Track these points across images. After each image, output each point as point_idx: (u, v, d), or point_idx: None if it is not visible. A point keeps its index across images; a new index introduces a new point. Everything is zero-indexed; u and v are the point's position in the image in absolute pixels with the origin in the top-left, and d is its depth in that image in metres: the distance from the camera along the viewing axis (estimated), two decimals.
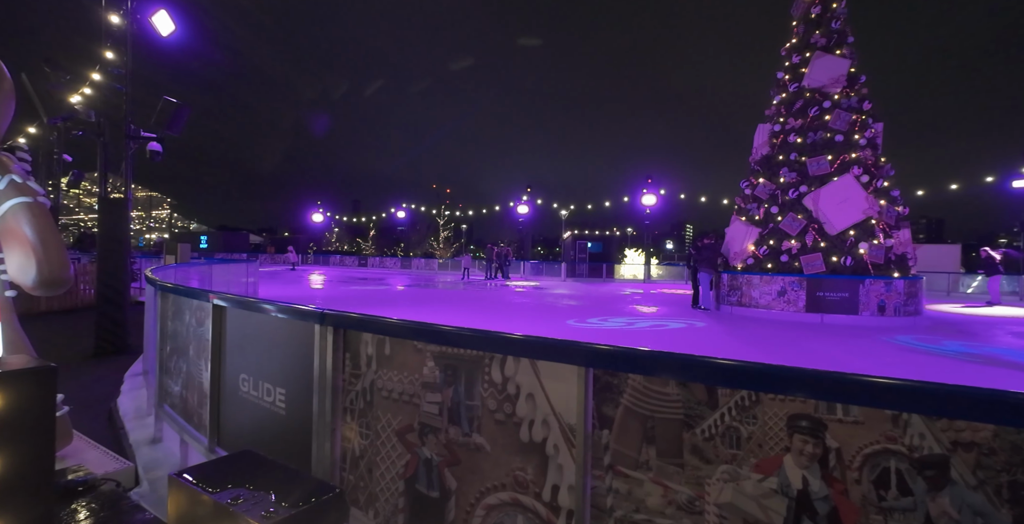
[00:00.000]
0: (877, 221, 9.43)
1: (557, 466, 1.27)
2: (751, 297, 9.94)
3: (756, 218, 10.48)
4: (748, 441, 1.05)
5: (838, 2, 10.76)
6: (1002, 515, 0.86)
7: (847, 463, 0.97)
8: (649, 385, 1.16)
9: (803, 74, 10.57)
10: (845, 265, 9.18)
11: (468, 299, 12.88)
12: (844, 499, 0.97)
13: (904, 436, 0.92)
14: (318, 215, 40.72)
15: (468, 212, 38.80)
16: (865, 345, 6.93)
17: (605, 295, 15.03)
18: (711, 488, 1.09)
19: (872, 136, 10.11)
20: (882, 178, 9.89)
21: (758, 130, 11.34)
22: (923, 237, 56.34)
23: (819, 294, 9.18)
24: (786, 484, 1.01)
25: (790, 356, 6.16)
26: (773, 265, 9.83)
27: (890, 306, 9.02)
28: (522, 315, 9.59)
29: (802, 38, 10.95)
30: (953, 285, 17.95)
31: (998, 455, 0.86)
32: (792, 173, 10.08)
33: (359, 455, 1.68)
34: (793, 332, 7.96)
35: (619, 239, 43.03)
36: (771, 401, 1.03)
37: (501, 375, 1.37)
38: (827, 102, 10.17)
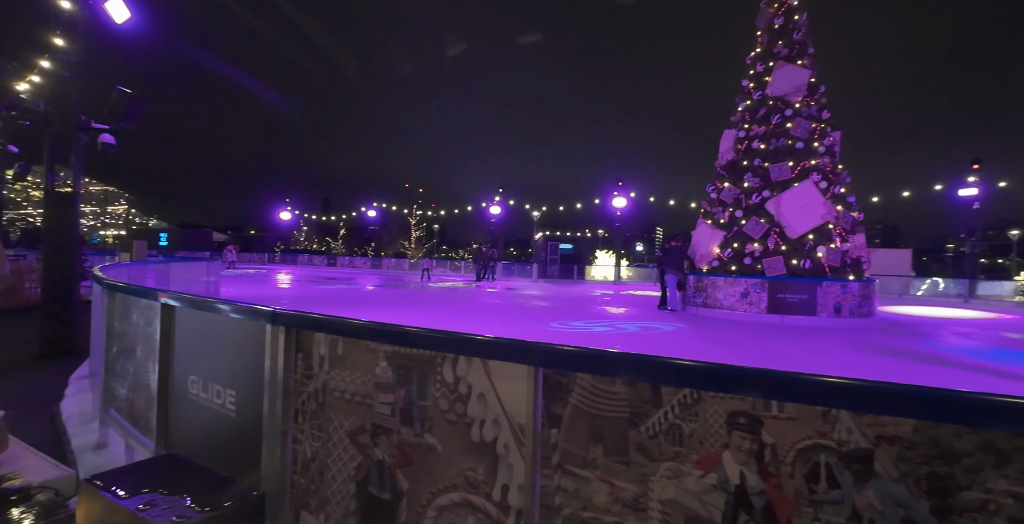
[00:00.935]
0: (834, 226, 9.81)
1: (507, 466, 1.27)
2: (716, 298, 10.19)
3: (721, 221, 10.75)
4: (690, 438, 1.08)
5: (799, 14, 11.15)
6: (921, 506, 0.90)
7: (781, 458, 1.00)
8: (597, 384, 1.17)
9: (767, 83, 10.91)
10: (804, 268, 9.52)
11: (438, 300, 12.79)
12: (778, 493, 1.00)
13: (834, 431, 0.96)
14: (286, 213, 39.71)
15: (440, 212, 38.56)
16: (822, 345, 7.19)
17: (576, 296, 15.16)
18: (655, 485, 1.10)
19: (830, 144, 10.51)
20: (839, 185, 10.30)
21: (724, 136, 11.64)
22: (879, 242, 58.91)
23: (780, 296, 9.48)
24: (725, 480, 1.04)
25: (753, 356, 6.34)
26: (737, 267, 10.10)
27: (845, 308, 9.39)
28: (493, 316, 9.58)
29: (766, 48, 11.30)
30: (904, 288, 18.83)
31: (918, 448, 0.91)
32: (756, 178, 10.40)
33: (310, 458, 1.64)
34: (755, 332, 8.20)
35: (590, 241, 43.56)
36: (712, 399, 1.06)
37: (453, 375, 1.36)
38: (789, 110, 10.52)
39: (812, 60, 11.05)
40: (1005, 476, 0.85)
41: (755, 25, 11.87)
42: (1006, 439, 0.85)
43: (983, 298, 17.67)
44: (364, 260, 34.17)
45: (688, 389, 1.08)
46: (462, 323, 8.28)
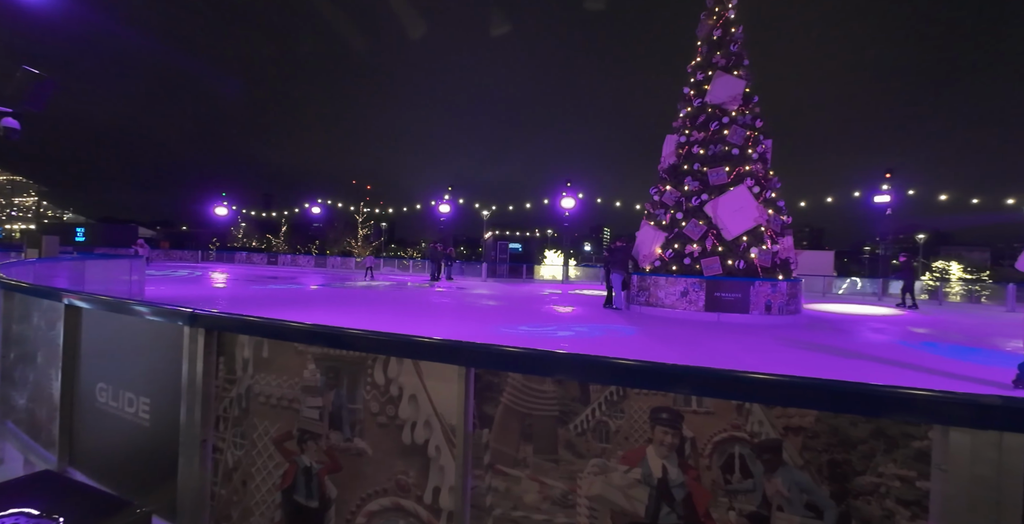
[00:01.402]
0: (766, 229, 10.41)
1: (439, 468, 1.25)
2: (657, 297, 10.57)
3: (663, 223, 11.16)
4: (616, 434, 1.10)
5: (736, 27, 11.75)
6: (822, 491, 0.96)
7: (700, 451, 1.04)
8: (528, 383, 1.18)
9: (706, 91, 11.42)
10: (739, 268, 10.05)
11: (385, 300, 12.52)
12: (697, 485, 1.04)
13: (747, 424, 1.01)
14: (222, 208, 37.47)
15: (388, 210, 37.70)
16: (753, 341, 7.61)
17: (524, 295, 15.27)
18: (582, 482, 1.12)
19: (763, 151, 11.14)
20: (770, 190, 10.94)
21: (667, 140, 12.08)
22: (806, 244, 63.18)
23: (716, 294, 9.96)
24: (648, 474, 1.07)
25: (691, 353, 6.62)
26: (678, 267, 10.52)
27: (775, 306, 9.99)
28: (440, 316, 9.48)
29: (705, 57, 11.82)
30: (828, 287, 20.28)
31: (820, 437, 0.97)
32: (695, 182, 10.86)
33: (232, 467, 1.55)
34: (694, 330, 8.56)
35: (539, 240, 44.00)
36: (637, 395, 1.09)
37: (384, 377, 1.33)
38: (726, 118, 11.06)
39: (747, 71, 11.66)
40: (894, 461, 0.93)
41: (696, 36, 12.39)
42: (894, 426, 0.92)
43: (894, 296, 19.33)
44: (308, 258, 32.90)
45: (615, 386, 1.10)
46: (407, 324, 8.15)
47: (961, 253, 62.24)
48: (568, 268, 24.37)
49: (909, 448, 0.91)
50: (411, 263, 28.64)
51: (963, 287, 19.93)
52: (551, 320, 9.38)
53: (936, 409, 0.89)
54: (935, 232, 66.61)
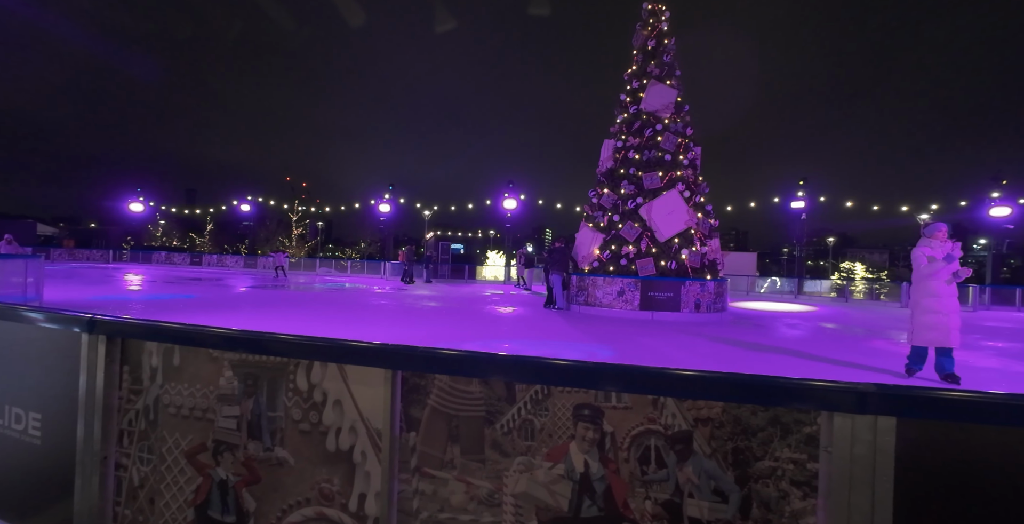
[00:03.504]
0: (695, 231, 10.99)
1: (364, 473, 1.23)
2: (596, 297, 10.87)
3: (601, 225, 11.50)
4: (540, 432, 1.13)
5: (669, 39, 12.32)
6: (728, 476, 1.03)
7: (619, 444, 1.09)
8: (455, 385, 1.18)
9: (641, 98, 11.89)
10: (671, 269, 10.54)
11: (321, 302, 12.05)
12: (616, 477, 1.08)
13: (661, 417, 1.07)
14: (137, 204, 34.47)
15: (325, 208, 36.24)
16: (684, 338, 8.00)
17: (466, 296, 15.22)
18: (508, 480, 1.14)
19: (693, 157, 11.75)
20: (700, 194, 11.56)
21: (604, 145, 12.46)
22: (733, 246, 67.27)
23: (650, 294, 10.39)
24: (571, 469, 1.10)
25: (626, 350, 6.86)
26: (614, 268, 10.87)
27: (704, 304, 10.57)
28: (380, 318, 9.26)
29: (640, 66, 12.31)
30: (751, 286, 21.70)
31: (725, 427, 1.04)
32: (631, 186, 11.28)
33: (138, 484, 1.44)
34: (629, 329, 8.88)
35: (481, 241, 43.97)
36: (560, 393, 1.12)
37: (307, 382, 1.28)
38: (659, 125, 11.57)
39: (679, 81, 12.25)
40: (788, 445, 1.01)
41: (632, 45, 12.87)
42: (788, 414, 1.01)
43: (808, 294, 21.01)
44: (236, 259, 31.01)
45: (540, 385, 1.13)
46: (343, 327, 7.89)
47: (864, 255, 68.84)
48: (510, 268, 24.55)
49: (800, 433, 1.00)
50: (349, 264, 27.73)
51: (865, 285, 22.03)
52: (492, 321, 9.41)
53: (822, 397, 0.98)
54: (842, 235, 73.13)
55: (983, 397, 0.94)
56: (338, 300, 12.58)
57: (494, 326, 8.65)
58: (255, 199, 35.15)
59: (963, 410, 0.94)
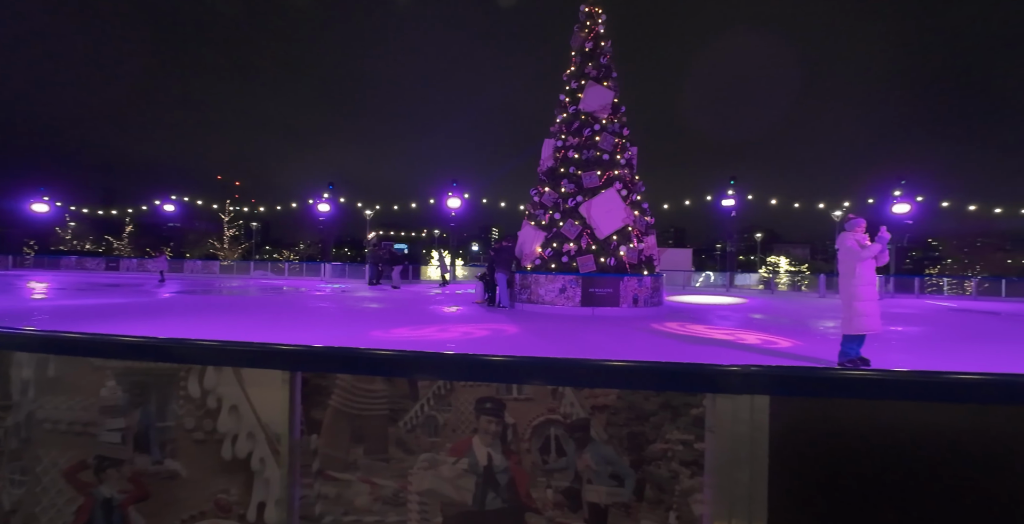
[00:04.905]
0: (633, 228, 11.37)
1: (264, 481, 1.17)
2: (538, 294, 11.02)
3: (543, 223, 11.66)
4: (444, 428, 1.12)
5: (605, 41, 12.67)
6: (623, 461, 1.07)
7: (521, 436, 1.10)
8: (357, 384, 1.15)
9: (579, 99, 12.15)
10: (610, 265, 10.85)
11: (256, 306, 11.48)
12: (519, 468, 1.10)
13: (561, 406, 1.09)
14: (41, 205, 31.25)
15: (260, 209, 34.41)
16: (622, 332, 8.26)
17: (410, 296, 14.98)
18: (413, 478, 1.13)
19: (629, 157, 12.15)
20: (636, 193, 11.97)
21: (545, 144, 12.64)
22: (671, 242, 70.19)
23: (591, 290, 10.65)
24: (475, 463, 1.11)
25: (567, 345, 6.99)
26: (556, 265, 11.06)
27: (641, 299, 10.96)
28: (319, 321, 8.93)
29: (579, 67, 12.58)
30: (687, 280, 22.75)
31: (621, 413, 1.08)
32: (571, 184, 11.51)
33: (10, 510, 1.31)
34: (571, 324, 9.06)
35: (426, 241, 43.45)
36: (463, 388, 1.12)
37: (200, 388, 1.21)
38: (597, 125, 11.87)
39: (615, 83, 12.63)
40: (678, 428, 1.06)
41: (570, 46, 13.12)
42: (678, 397, 1.06)
43: (739, 287, 22.29)
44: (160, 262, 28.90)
45: (442, 381, 1.12)
46: (278, 332, 7.56)
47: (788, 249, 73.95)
48: (456, 268, 24.40)
49: (689, 415, 1.05)
50: (287, 266, 26.57)
51: (789, 278, 23.66)
52: (436, 320, 9.31)
53: (706, 379, 1.03)
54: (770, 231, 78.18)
55: (847, 373, 1.03)
56: (275, 303, 12.03)
57: (438, 326, 8.57)
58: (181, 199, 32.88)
59: (830, 386, 1.02)
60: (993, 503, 1.01)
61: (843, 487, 1.03)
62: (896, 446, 1.03)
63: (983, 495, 1.01)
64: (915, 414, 1.03)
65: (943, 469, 1.02)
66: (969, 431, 1.03)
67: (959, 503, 1.01)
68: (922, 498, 1.02)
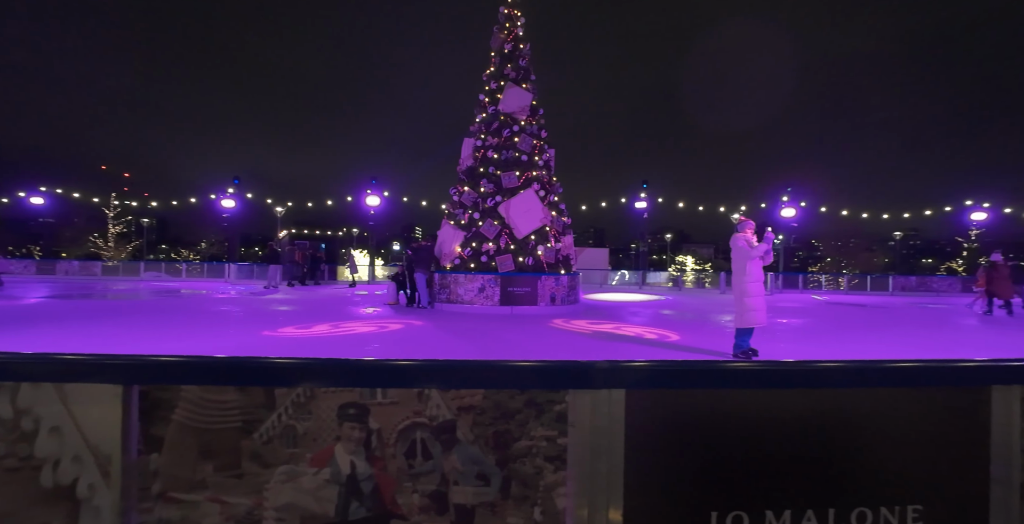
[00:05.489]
0: (550, 229, 11.65)
1: (93, 510, 1.04)
2: (458, 294, 10.96)
3: (462, 222, 11.61)
4: (304, 437, 1.06)
5: (524, 44, 12.84)
6: (490, 459, 1.07)
7: (386, 441, 1.07)
8: (206, 395, 1.06)
9: (499, 99, 12.23)
10: (528, 265, 11.03)
11: (150, 310, 10.37)
12: (384, 474, 1.06)
13: (427, 409, 1.07)
14: None
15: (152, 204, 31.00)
16: (539, 330, 8.43)
17: (325, 298, 14.30)
18: (269, 493, 1.05)
19: (547, 159, 12.43)
20: (554, 194, 12.26)
21: (464, 143, 12.59)
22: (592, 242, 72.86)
23: (510, 289, 10.76)
24: (337, 472, 1.06)
25: (485, 344, 7.00)
26: (475, 265, 11.06)
27: (559, 297, 11.26)
28: (222, 327, 8.24)
29: (498, 68, 12.66)
30: (604, 279, 23.72)
31: (487, 413, 1.08)
32: (490, 184, 11.55)
33: None
34: (490, 323, 9.09)
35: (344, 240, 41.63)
36: (324, 394, 1.06)
37: (12, 408, 1.05)
38: (516, 126, 12.01)
39: (534, 85, 12.84)
40: (542, 424, 1.08)
41: (490, 46, 13.17)
42: (542, 395, 1.08)
43: (651, 285, 23.61)
44: (28, 263, 25.27)
45: (302, 387, 1.06)
46: (170, 341, 6.89)
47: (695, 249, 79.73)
48: (375, 268, 23.65)
49: (552, 411, 1.08)
50: (185, 267, 24.30)
51: (695, 276, 25.46)
52: (352, 322, 8.95)
53: (566, 376, 1.06)
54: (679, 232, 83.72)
55: (694, 365, 1.10)
56: (172, 308, 10.94)
57: (353, 328, 8.24)
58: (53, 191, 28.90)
59: (679, 378, 1.09)
60: (831, 477, 1.13)
61: (693, 470, 1.10)
62: (741, 430, 1.12)
63: (822, 471, 1.13)
64: (757, 400, 1.12)
65: (784, 449, 1.12)
66: (806, 413, 1.14)
67: (801, 479, 1.12)
68: (765, 477, 1.12)
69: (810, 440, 1.13)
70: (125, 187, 36.00)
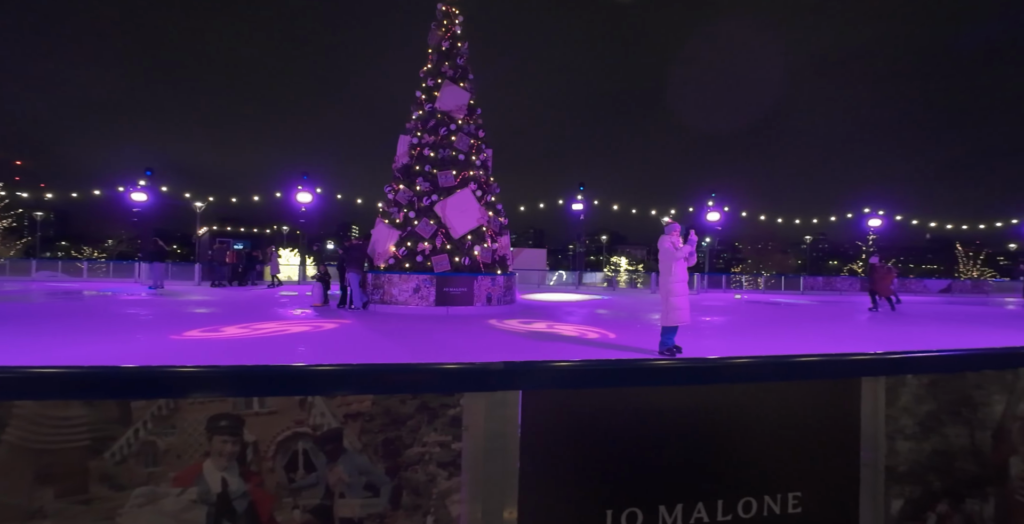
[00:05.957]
0: (487, 229, 11.63)
1: None
2: (392, 294, 10.69)
3: (397, 221, 11.34)
4: (167, 454, 0.96)
5: (462, 42, 12.75)
6: (379, 469, 1.02)
7: (263, 454, 0.98)
8: (44, 411, 0.93)
9: (436, 97, 12.06)
10: (464, 265, 10.95)
11: (38, 315, 9.28)
12: (260, 490, 0.98)
13: (310, 417, 1.00)
14: None
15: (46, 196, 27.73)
16: (474, 330, 8.38)
17: (251, 299, 13.49)
18: (124, 519, 0.94)
19: (485, 159, 12.41)
20: (491, 194, 12.27)
21: (400, 140, 12.32)
22: (531, 243, 73.75)
23: (446, 289, 10.64)
24: (205, 491, 0.96)
25: (419, 346, 6.85)
26: (410, 265, 10.84)
27: (495, 297, 11.26)
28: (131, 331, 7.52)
29: (436, 65, 12.49)
30: (542, 279, 24.06)
31: (376, 419, 1.02)
32: (426, 183, 11.37)
33: None
34: (425, 324, 8.93)
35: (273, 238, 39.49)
36: (191, 406, 0.96)
37: None
38: (453, 125, 11.90)
39: (472, 85, 12.78)
40: (435, 429, 1.04)
41: (427, 43, 12.96)
42: (435, 399, 1.04)
43: (587, 285, 24.22)
44: None
45: (164, 400, 0.95)
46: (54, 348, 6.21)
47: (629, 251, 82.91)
48: (306, 268, 22.63)
49: (446, 416, 1.04)
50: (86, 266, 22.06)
51: (628, 276, 26.41)
52: (271, 323, 8.47)
53: (459, 379, 1.03)
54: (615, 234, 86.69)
55: (587, 365, 1.10)
56: (70, 311, 9.85)
57: (281, 331, 7.79)
58: None
59: (573, 377, 1.08)
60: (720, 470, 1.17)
61: (589, 470, 1.10)
62: (636, 428, 1.13)
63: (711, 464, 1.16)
64: (651, 397, 1.14)
65: (677, 444, 1.15)
66: (697, 408, 1.17)
67: (692, 473, 1.15)
68: (659, 473, 1.14)
69: (701, 435, 1.17)
70: (17, 177, 32.15)
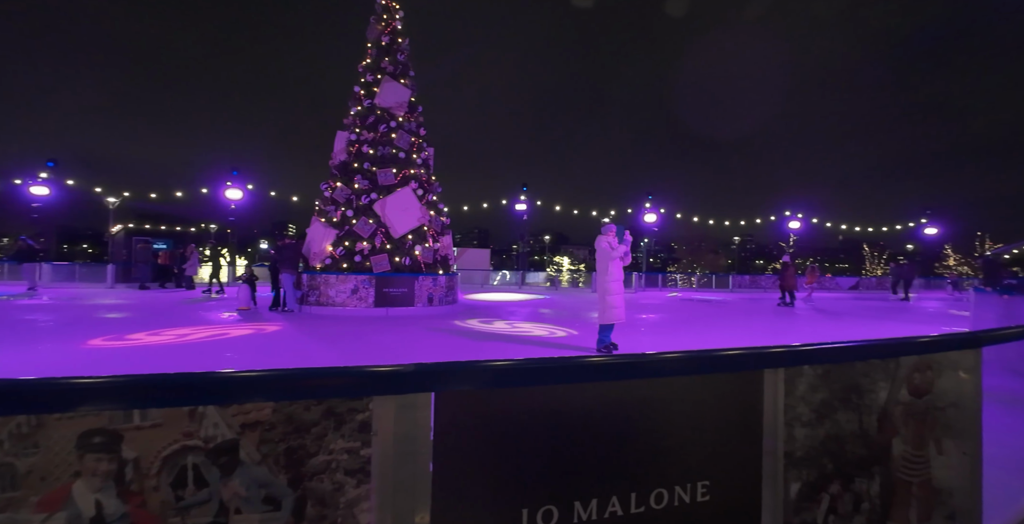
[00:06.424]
0: (428, 228, 11.47)
1: None
2: (328, 296, 10.30)
3: (334, 220, 10.94)
4: (28, 476, 0.85)
5: (403, 38, 12.50)
6: (280, 480, 0.96)
7: (145, 471, 0.90)
8: None
9: (375, 93, 11.75)
10: (405, 265, 10.74)
11: None
12: (142, 511, 0.89)
13: (201, 429, 0.92)
14: None
15: None
16: (413, 332, 8.22)
17: (171, 302, 12.55)
18: None
19: (426, 157, 12.22)
20: (432, 193, 12.10)
21: (338, 136, 11.89)
22: (476, 243, 73.57)
23: (385, 290, 10.38)
24: (76, 516, 0.86)
25: (355, 349, 6.62)
26: (348, 265, 10.49)
27: (436, 298, 11.12)
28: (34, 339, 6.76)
29: (375, 60, 12.16)
30: (485, 279, 24.05)
31: (277, 428, 0.96)
32: (365, 180, 11.05)
33: None
34: (363, 327, 8.66)
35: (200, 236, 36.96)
36: (58, 422, 0.87)
37: None
38: (393, 122, 11.64)
39: (413, 82, 12.55)
40: (343, 436, 0.99)
41: (366, 37, 12.59)
42: (342, 404, 0.99)
43: (530, 285, 24.48)
44: None
45: (24, 416, 0.85)
46: None
47: (572, 251, 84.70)
48: (236, 268, 21.37)
49: (354, 421, 1.00)
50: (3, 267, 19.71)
51: (570, 276, 26.95)
52: (200, 328, 7.92)
53: (368, 383, 0.99)
54: (558, 234, 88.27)
55: (499, 364, 1.09)
56: None
57: (206, 336, 7.28)
58: None
59: (486, 377, 1.07)
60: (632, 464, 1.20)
61: (503, 469, 1.09)
62: (549, 425, 1.13)
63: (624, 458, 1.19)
64: (564, 395, 1.15)
65: (590, 440, 1.16)
66: (610, 404, 1.19)
67: (606, 468, 1.17)
68: (573, 470, 1.15)
69: (616, 430, 1.19)
70: None
